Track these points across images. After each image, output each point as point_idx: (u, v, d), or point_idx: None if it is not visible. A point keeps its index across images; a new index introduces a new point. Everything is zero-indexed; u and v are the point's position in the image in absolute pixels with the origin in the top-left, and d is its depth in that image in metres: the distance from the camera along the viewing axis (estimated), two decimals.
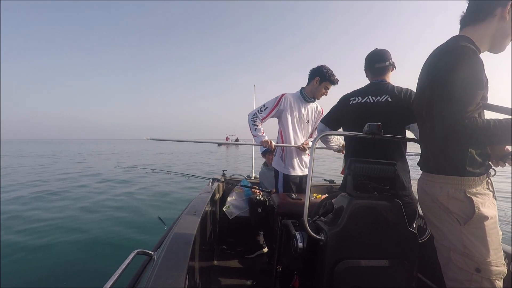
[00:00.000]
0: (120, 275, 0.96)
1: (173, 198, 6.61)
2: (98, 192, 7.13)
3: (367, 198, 1.11)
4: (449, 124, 0.92)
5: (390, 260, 1.09)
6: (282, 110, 2.17)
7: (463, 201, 0.95)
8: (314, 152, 1.28)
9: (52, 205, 5.70)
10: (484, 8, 0.99)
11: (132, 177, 9.21)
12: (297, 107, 2.20)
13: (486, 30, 1.00)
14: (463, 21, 1.05)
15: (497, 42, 1.02)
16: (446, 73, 0.93)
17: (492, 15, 0.98)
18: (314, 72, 2.15)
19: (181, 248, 1.18)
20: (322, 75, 2.11)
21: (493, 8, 0.97)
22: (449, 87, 0.92)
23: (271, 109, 2.17)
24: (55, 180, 9.09)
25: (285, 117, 2.18)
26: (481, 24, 1.00)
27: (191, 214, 1.71)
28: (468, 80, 0.90)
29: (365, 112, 1.48)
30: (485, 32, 1.00)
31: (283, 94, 2.19)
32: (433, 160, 1.05)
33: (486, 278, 0.92)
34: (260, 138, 2.13)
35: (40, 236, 3.95)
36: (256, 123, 2.17)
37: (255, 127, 2.17)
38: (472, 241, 0.94)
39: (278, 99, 2.18)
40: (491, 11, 0.98)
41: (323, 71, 2.11)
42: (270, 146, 2.09)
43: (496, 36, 1.00)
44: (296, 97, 2.22)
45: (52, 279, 2.84)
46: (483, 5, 1.00)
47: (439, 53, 1.01)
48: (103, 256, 3.40)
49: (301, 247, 1.12)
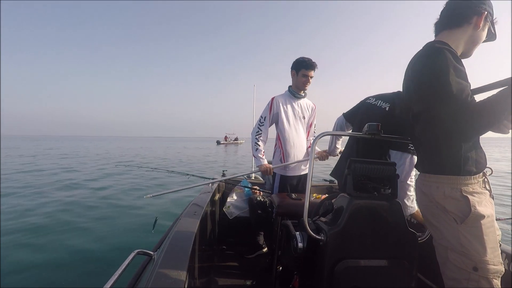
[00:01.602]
0: (120, 275, 0.96)
1: (172, 197, 6.61)
2: (98, 189, 7.14)
3: (367, 198, 1.12)
4: (455, 121, 0.93)
5: (390, 260, 1.09)
6: (277, 112, 2.18)
7: (459, 200, 0.96)
8: (314, 152, 1.28)
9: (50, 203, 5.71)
10: (461, 15, 1.04)
11: (131, 175, 9.20)
12: (289, 105, 2.21)
13: (461, 36, 1.06)
14: (438, 25, 1.11)
15: (468, 48, 1.09)
16: (432, 76, 0.96)
17: (469, 22, 1.04)
18: (291, 67, 2.21)
19: (181, 248, 1.18)
20: (296, 66, 2.15)
21: (470, 17, 1.03)
22: (439, 89, 0.94)
23: (269, 116, 2.18)
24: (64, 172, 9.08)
25: (281, 119, 2.18)
26: (457, 30, 1.05)
27: (191, 214, 1.71)
28: (453, 75, 0.92)
29: (369, 114, 1.55)
30: (460, 37, 1.06)
31: (272, 98, 2.21)
32: (428, 161, 1.07)
33: (484, 276, 0.93)
34: (259, 162, 2.13)
35: (40, 235, 3.97)
36: (258, 143, 2.16)
37: (257, 147, 2.16)
38: (469, 240, 0.94)
39: (270, 105, 2.19)
40: (468, 19, 1.03)
41: (296, 62, 2.15)
42: (268, 173, 2.10)
43: (468, 43, 1.07)
44: (285, 96, 2.24)
45: (52, 279, 2.84)
46: (461, 12, 1.05)
47: (420, 58, 1.04)
48: (103, 255, 3.40)
49: (301, 247, 1.12)
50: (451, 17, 1.07)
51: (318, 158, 2.25)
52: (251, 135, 2.23)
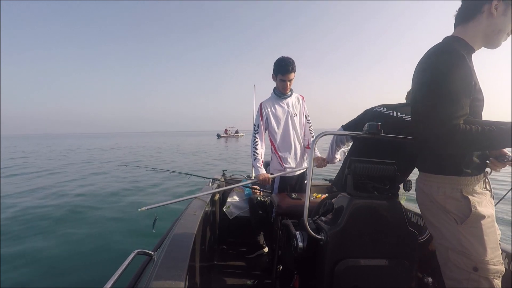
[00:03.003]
0: (120, 275, 0.96)
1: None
2: (97, 189, 7.13)
3: (367, 198, 1.12)
4: (432, 131, 0.93)
5: (390, 260, 1.09)
6: (267, 118, 2.17)
7: (459, 200, 0.96)
8: (314, 152, 1.28)
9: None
10: (471, 6, 1.00)
11: (132, 175, 9.20)
12: (277, 107, 2.19)
13: (477, 28, 1.01)
14: (456, 21, 1.07)
15: (491, 38, 1.02)
16: (432, 82, 0.95)
17: (480, 12, 0.98)
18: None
19: (181, 248, 1.18)
20: (274, 70, 2.11)
21: (480, 6, 0.98)
22: (433, 95, 0.93)
23: (261, 122, 2.17)
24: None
25: (271, 124, 2.17)
26: (471, 22, 1.01)
27: (191, 214, 1.71)
28: (453, 87, 0.91)
29: (382, 123, 1.45)
30: (476, 30, 1.01)
31: (260, 104, 2.20)
32: (430, 160, 1.06)
33: (484, 276, 0.93)
34: (257, 171, 2.12)
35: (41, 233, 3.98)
36: (257, 151, 2.14)
37: (255, 156, 2.15)
38: (469, 240, 0.94)
39: (259, 111, 2.18)
40: (478, 8, 0.99)
41: (275, 66, 2.10)
42: (266, 182, 2.08)
43: (487, 33, 1.00)
44: (272, 99, 2.22)
45: (51, 279, 2.84)
46: (470, 3, 1.01)
47: (430, 55, 1.01)
48: (103, 255, 3.40)
49: (301, 247, 1.12)
50: (463, 10, 1.03)
51: (316, 166, 2.14)
52: (250, 145, 2.22)
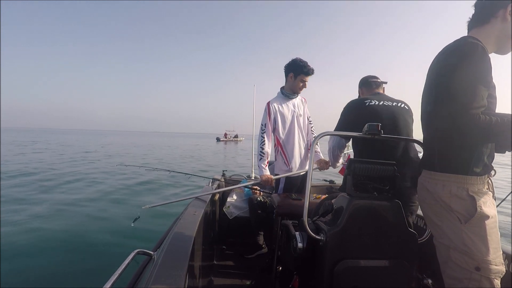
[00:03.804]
0: (120, 275, 0.96)
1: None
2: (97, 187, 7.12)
3: (367, 198, 1.12)
4: (451, 122, 0.93)
5: (389, 260, 1.09)
6: (275, 117, 2.17)
7: (465, 199, 0.96)
8: (314, 153, 1.28)
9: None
10: (486, 10, 1.02)
11: (132, 175, 9.20)
12: (285, 107, 2.19)
13: (490, 31, 1.02)
14: (470, 24, 1.08)
15: (502, 44, 1.04)
16: (450, 71, 0.95)
17: (495, 16, 1.00)
18: (287, 68, 2.15)
19: (181, 248, 1.18)
20: (295, 69, 2.11)
21: (495, 10, 1.00)
22: (452, 85, 0.94)
23: (269, 122, 2.17)
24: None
25: (278, 123, 2.17)
26: (485, 26, 1.03)
27: (191, 214, 1.71)
28: (472, 77, 0.91)
29: (386, 113, 1.48)
30: (489, 33, 1.02)
31: (268, 103, 2.20)
32: (438, 158, 1.06)
33: (485, 276, 0.93)
34: (261, 172, 2.12)
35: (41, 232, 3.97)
36: (263, 151, 2.13)
37: (261, 156, 2.14)
38: (472, 240, 0.94)
39: (268, 110, 2.17)
40: (493, 12, 1.00)
41: (295, 65, 2.10)
42: (268, 183, 2.08)
43: (500, 37, 1.02)
44: (279, 98, 2.22)
45: (52, 279, 2.84)
46: (486, 7, 1.02)
47: (446, 51, 1.02)
48: (102, 255, 3.39)
49: (301, 247, 1.12)
50: (478, 14, 1.05)
51: (318, 168, 2.17)
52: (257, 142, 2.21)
